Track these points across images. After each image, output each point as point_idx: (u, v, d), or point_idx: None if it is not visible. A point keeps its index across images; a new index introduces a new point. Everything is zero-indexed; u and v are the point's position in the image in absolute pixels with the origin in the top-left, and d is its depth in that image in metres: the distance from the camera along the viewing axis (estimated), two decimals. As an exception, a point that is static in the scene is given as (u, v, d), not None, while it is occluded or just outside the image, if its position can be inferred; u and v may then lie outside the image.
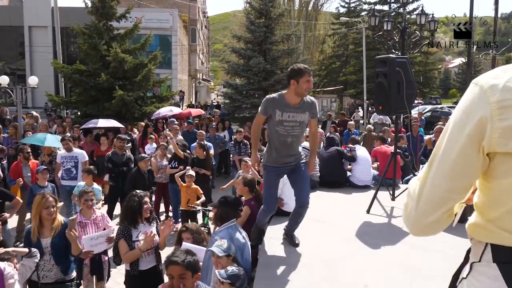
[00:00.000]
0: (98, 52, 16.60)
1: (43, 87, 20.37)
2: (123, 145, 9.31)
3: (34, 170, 8.52)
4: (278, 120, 4.65)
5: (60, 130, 12.91)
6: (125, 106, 15.77)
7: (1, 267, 3.05)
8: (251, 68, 18.36)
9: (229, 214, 4.66)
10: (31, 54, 35.33)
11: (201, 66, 57.40)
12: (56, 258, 4.57)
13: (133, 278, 4.67)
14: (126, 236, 4.64)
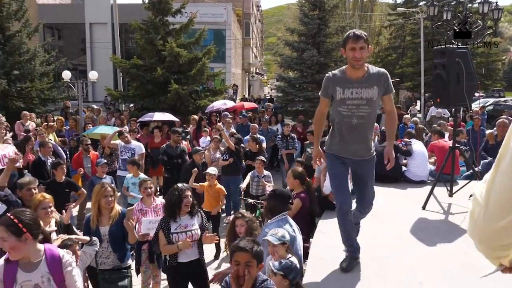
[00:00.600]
0: (154, 47, 17.02)
1: (103, 81, 21.15)
2: (178, 138, 9.53)
3: (94, 161, 8.89)
4: (340, 99, 4.07)
5: (118, 123, 13.37)
6: (180, 100, 16.12)
7: (60, 255, 3.18)
8: (304, 61, 18.20)
9: (279, 207, 4.65)
10: (92, 50, 36.75)
11: (254, 60, 57.60)
12: (113, 246, 4.75)
13: (171, 269, 4.76)
14: (164, 228, 4.69)
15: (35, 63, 18.77)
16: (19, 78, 18.73)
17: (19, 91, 18.51)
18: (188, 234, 4.69)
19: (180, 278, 4.83)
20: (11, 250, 2.95)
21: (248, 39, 49.25)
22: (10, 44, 18.37)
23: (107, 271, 4.79)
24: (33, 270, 3.03)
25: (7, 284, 2.94)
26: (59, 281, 3.10)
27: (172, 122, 13.15)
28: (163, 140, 10.83)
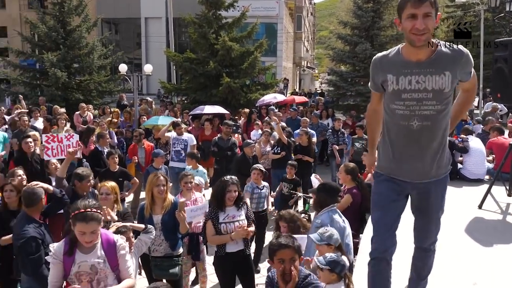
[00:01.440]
0: (207, 41, 17.27)
1: (157, 75, 21.68)
2: (228, 130, 9.64)
3: (149, 152, 9.16)
4: (393, 92, 2.87)
5: (171, 115, 13.63)
6: (231, 93, 16.29)
7: (115, 239, 3.32)
8: (357, 55, 17.92)
9: (327, 201, 4.64)
10: (147, 44, 37.71)
11: (305, 54, 57.20)
12: (165, 234, 4.88)
13: (220, 259, 4.84)
14: (213, 218, 4.78)
15: (94, 56, 19.52)
16: (79, 71, 19.55)
17: (78, 83, 19.32)
18: (236, 224, 4.77)
19: (228, 269, 4.91)
20: (94, 239, 3.15)
21: (300, 32, 48.94)
22: (71, 38, 19.18)
23: (159, 258, 4.93)
24: (89, 252, 3.18)
25: (66, 264, 3.11)
26: (113, 264, 3.25)
27: (223, 115, 13.29)
28: (213, 133, 10.97)
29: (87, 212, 3.12)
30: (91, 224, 3.11)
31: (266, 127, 10.83)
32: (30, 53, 21.20)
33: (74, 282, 3.11)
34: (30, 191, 4.50)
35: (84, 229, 3.09)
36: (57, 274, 3.14)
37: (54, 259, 3.12)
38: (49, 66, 17.92)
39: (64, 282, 3.25)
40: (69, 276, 3.12)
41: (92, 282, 3.15)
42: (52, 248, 3.19)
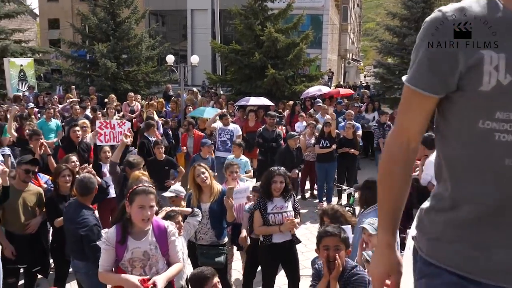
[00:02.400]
0: (253, 32, 17.29)
1: (202, 66, 21.88)
2: (273, 122, 9.63)
3: (197, 141, 9.28)
4: (497, 90, 1.30)
5: (217, 107, 13.74)
6: (276, 85, 16.28)
7: (165, 225, 3.38)
8: (405, 47, 17.46)
9: (374, 198, 4.53)
10: (192, 36, 38.11)
11: (351, 46, 56.31)
12: (212, 223, 4.93)
13: (266, 249, 4.87)
14: (262, 208, 4.81)
15: (142, 47, 19.98)
16: (127, 62, 20.06)
17: (126, 74, 19.82)
18: (284, 215, 4.78)
19: (272, 259, 4.93)
20: (150, 217, 3.20)
21: (346, 24, 48.16)
22: (120, 30, 19.68)
23: (205, 246, 4.99)
24: (142, 238, 3.24)
25: (119, 250, 3.19)
26: (164, 250, 3.31)
27: (267, 107, 13.29)
28: (257, 124, 11.01)
29: (145, 186, 3.24)
30: (150, 197, 3.18)
31: (310, 119, 10.76)
32: (81, 44, 21.91)
33: (127, 268, 3.19)
34: (87, 181, 4.59)
35: (143, 202, 3.15)
36: (109, 259, 3.22)
37: (107, 245, 3.20)
38: (100, 56, 18.48)
39: (112, 268, 3.32)
40: (121, 262, 3.19)
41: (144, 267, 3.22)
42: (105, 234, 3.28)
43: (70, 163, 5.74)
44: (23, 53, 21.73)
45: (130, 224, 3.23)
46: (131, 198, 3.20)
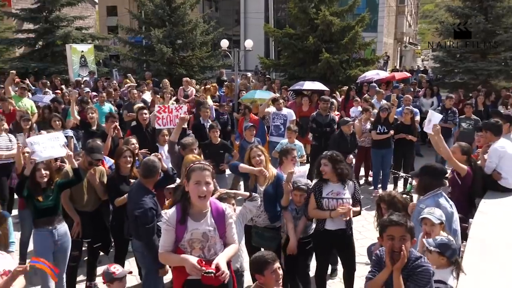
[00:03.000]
0: (307, 16, 17.02)
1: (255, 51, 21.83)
2: (326, 106, 9.50)
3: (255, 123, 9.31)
4: None
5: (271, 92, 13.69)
6: (330, 69, 16.01)
7: (223, 208, 3.41)
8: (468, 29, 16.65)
9: (433, 185, 4.42)
10: (245, 21, 38.13)
11: (408, 29, 54.39)
12: (266, 206, 4.94)
13: (318, 234, 4.88)
14: (316, 191, 4.79)
15: (196, 33, 20.19)
16: (182, 47, 20.37)
17: (181, 59, 20.13)
18: (339, 201, 4.71)
19: (324, 245, 4.91)
20: (207, 195, 3.23)
21: (403, 6, 46.57)
22: (175, 15, 19.97)
23: (259, 227, 5.03)
24: (201, 220, 3.29)
25: (178, 231, 3.24)
26: (221, 232, 3.34)
27: (321, 91, 13.12)
28: (311, 109, 10.90)
29: (202, 163, 3.28)
30: (206, 173, 3.21)
31: (365, 104, 10.53)
32: (138, 30, 22.41)
33: (187, 249, 3.24)
34: (151, 164, 4.70)
35: (200, 177, 3.18)
36: (169, 239, 3.27)
37: (167, 226, 3.25)
38: (156, 42, 18.85)
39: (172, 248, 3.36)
40: (181, 243, 3.25)
41: (203, 249, 3.26)
42: (165, 215, 3.33)
43: (130, 145, 5.94)
44: (83, 40, 22.51)
45: (189, 204, 3.27)
46: (188, 175, 3.24)
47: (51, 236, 4.78)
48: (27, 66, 20.92)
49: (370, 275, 3.33)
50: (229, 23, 40.00)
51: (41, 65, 21.11)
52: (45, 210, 4.76)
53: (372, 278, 3.30)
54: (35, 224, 4.80)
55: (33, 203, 4.72)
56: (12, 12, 23.41)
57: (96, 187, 5.40)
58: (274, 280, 3.37)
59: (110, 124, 7.33)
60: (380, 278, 3.21)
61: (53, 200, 4.87)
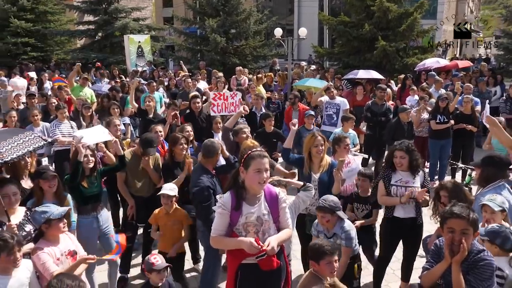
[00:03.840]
0: (363, 3, 16.65)
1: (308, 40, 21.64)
2: (382, 95, 9.26)
3: (302, 113, 9.25)
4: None
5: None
6: (386, 57, 15.62)
7: (277, 192, 3.41)
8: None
9: (496, 175, 4.23)
10: (299, 9, 37.77)
11: (469, 15, 51.96)
12: (321, 194, 4.89)
13: (387, 221, 4.85)
14: (385, 178, 4.77)
15: (250, 22, 20.23)
16: (236, 36, 20.50)
17: (235, 48, 20.26)
18: (408, 189, 4.66)
19: (392, 232, 4.84)
20: (266, 180, 3.28)
21: (465, -9, 44.50)
22: (229, 5, 20.09)
23: (314, 215, 4.99)
24: (255, 204, 3.31)
25: (233, 215, 3.28)
26: (275, 216, 3.35)
27: (377, 80, 12.80)
28: (365, 98, 10.65)
29: (260, 151, 3.31)
30: (265, 160, 3.25)
31: (422, 93, 10.18)
32: (193, 20, 22.74)
33: (241, 233, 3.28)
34: (210, 144, 4.91)
35: (260, 165, 3.22)
36: (223, 223, 3.31)
37: (223, 210, 3.30)
38: (210, 32, 19.07)
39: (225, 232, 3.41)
40: (235, 227, 3.28)
41: (258, 233, 3.28)
42: (220, 199, 3.38)
43: (185, 132, 6.06)
44: (140, 31, 23.15)
45: (244, 189, 3.31)
46: (247, 162, 3.26)
47: (96, 222, 4.91)
48: (87, 57, 21.80)
49: (428, 265, 3.22)
50: (283, 12, 39.73)
51: (101, 56, 21.93)
52: (90, 197, 4.89)
53: (429, 268, 3.19)
54: (80, 212, 4.88)
55: (79, 190, 4.82)
56: (73, 4, 24.38)
57: (151, 174, 5.53)
58: (328, 271, 3.40)
59: (170, 111, 7.52)
60: (438, 270, 3.10)
61: (98, 187, 5.03)
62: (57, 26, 25.28)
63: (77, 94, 10.56)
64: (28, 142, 4.28)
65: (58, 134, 7.44)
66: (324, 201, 4.32)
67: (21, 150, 4.15)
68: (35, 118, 7.61)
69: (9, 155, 4.00)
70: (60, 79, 12.63)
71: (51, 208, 3.73)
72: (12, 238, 3.30)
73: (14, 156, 4.05)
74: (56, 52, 25.67)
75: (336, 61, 18.79)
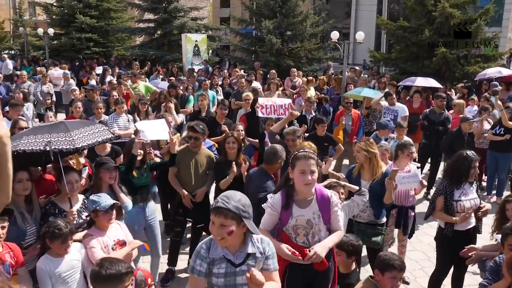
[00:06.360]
0: (424, 8, 16.22)
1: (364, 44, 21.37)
2: (442, 104, 8.96)
3: (355, 119, 9.11)
4: None
5: (380, 87, 13.22)
6: (446, 65, 15.12)
7: (329, 195, 3.36)
8: None
9: None
10: (356, 13, 37.23)
11: (538, 24, 49.40)
12: (371, 202, 4.79)
13: (446, 237, 4.65)
14: (447, 193, 4.60)
15: (306, 24, 20.13)
16: (291, 38, 20.47)
17: (290, 50, 20.24)
18: (471, 202, 4.56)
19: (452, 248, 4.56)
20: (312, 183, 3.23)
21: (534, -2, 42.30)
22: (286, 6, 20.07)
23: (362, 224, 4.93)
24: (306, 206, 3.29)
25: (283, 216, 3.27)
26: (326, 218, 3.31)
27: (435, 88, 12.39)
28: (422, 106, 10.34)
29: (306, 152, 3.26)
30: (310, 161, 3.19)
31: (485, 103, 9.75)
32: (249, 21, 22.91)
33: (291, 234, 3.27)
34: (275, 151, 4.86)
35: (305, 166, 3.17)
36: (271, 221, 3.34)
37: (272, 211, 3.30)
38: (266, 33, 19.14)
39: (271, 229, 3.43)
40: (285, 227, 3.27)
41: (307, 235, 3.26)
42: (271, 199, 3.38)
43: (236, 131, 6.09)
44: (197, 30, 23.57)
45: (294, 191, 3.29)
46: (293, 163, 3.25)
47: (143, 212, 5.05)
48: (145, 54, 22.45)
49: (485, 282, 3.08)
50: (340, 16, 39.29)
51: (158, 53, 22.51)
52: (140, 188, 5.04)
53: (486, 286, 3.04)
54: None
55: (130, 180, 4.97)
56: (135, 3, 25.15)
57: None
58: (389, 286, 3.27)
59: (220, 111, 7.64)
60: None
61: (147, 179, 5.18)
62: (119, 23, 26.23)
63: (133, 91, 10.85)
64: (97, 134, 4.45)
65: (115, 127, 7.68)
66: (349, 238, 3.97)
67: (91, 140, 4.32)
68: (99, 111, 7.90)
69: (81, 143, 4.18)
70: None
71: (101, 199, 3.84)
72: (66, 227, 3.47)
73: (84, 145, 4.23)
74: (116, 48, 26.63)
75: (393, 67, 18.37)
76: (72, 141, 4.11)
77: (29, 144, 3.91)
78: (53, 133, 4.10)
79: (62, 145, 4.05)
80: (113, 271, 2.92)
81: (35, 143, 3.95)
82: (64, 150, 4.08)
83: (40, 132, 4.14)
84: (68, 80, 13.47)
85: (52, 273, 3.44)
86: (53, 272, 3.45)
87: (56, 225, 3.47)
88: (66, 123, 4.53)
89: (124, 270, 2.98)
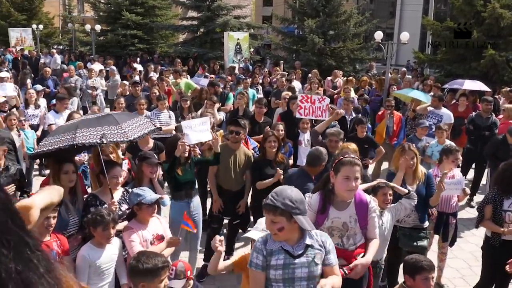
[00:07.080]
0: (473, 8, 15.69)
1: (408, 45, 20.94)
2: (488, 108, 8.66)
3: (397, 122, 8.92)
4: None
5: (426, 89, 12.89)
6: (495, 67, 14.58)
7: (368, 200, 3.31)
8: None
9: None
10: (401, 13, 36.46)
11: None
12: (416, 206, 4.69)
13: (492, 248, 4.52)
14: (496, 202, 4.47)
15: (349, 24, 19.89)
16: (334, 38, 20.28)
17: (332, 50, 20.05)
18: None
19: (498, 258, 4.40)
20: (355, 189, 3.19)
21: None
22: (330, 5, 19.90)
23: (406, 228, 4.84)
24: (343, 209, 3.25)
25: (319, 217, 3.25)
26: (363, 224, 3.27)
27: (482, 92, 11.98)
28: (468, 110, 10.02)
29: (352, 157, 3.19)
30: (355, 168, 3.13)
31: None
32: (292, 20, 22.84)
33: None
34: (318, 154, 4.84)
35: (349, 172, 3.12)
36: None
37: (309, 211, 3.27)
38: (308, 32, 19.03)
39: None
40: (320, 227, 3.24)
41: (342, 238, 3.24)
42: (309, 198, 3.36)
43: (276, 130, 6.08)
44: (240, 28, 23.68)
45: (332, 194, 3.25)
46: (337, 168, 3.19)
47: (188, 207, 5.09)
48: (188, 51, 22.76)
49: None
50: (384, 15, 38.59)
51: (201, 51, 22.78)
52: (184, 183, 5.10)
53: None
54: (174, 197, 5.13)
55: (174, 177, 5.03)
56: (179, 0, 25.53)
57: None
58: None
59: (258, 110, 7.62)
60: None
61: (191, 175, 5.24)
62: (163, 20, 26.70)
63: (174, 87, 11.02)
64: (143, 126, 4.53)
65: (157, 123, 7.82)
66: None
67: (140, 132, 4.40)
68: (141, 107, 8.01)
69: (132, 135, 4.25)
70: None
71: (146, 192, 3.91)
72: (108, 215, 3.56)
73: (135, 136, 4.33)
74: (160, 45, 27.14)
75: (438, 69, 17.88)
76: (124, 133, 4.16)
77: (85, 137, 3.94)
78: (105, 126, 4.14)
79: (116, 137, 4.10)
80: (149, 265, 2.98)
81: (91, 136, 3.97)
82: (119, 142, 4.20)
83: (92, 124, 4.16)
84: (114, 76, 13.81)
85: (92, 263, 3.54)
86: (93, 262, 3.54)
87: (99, 212, 3.60)
88: (113, 115, 4.61)
89: (161, 264, 3.02)
